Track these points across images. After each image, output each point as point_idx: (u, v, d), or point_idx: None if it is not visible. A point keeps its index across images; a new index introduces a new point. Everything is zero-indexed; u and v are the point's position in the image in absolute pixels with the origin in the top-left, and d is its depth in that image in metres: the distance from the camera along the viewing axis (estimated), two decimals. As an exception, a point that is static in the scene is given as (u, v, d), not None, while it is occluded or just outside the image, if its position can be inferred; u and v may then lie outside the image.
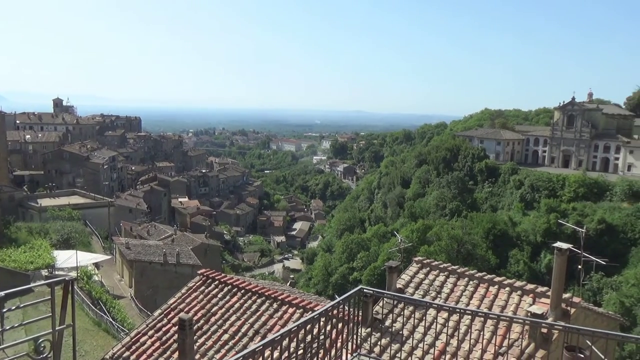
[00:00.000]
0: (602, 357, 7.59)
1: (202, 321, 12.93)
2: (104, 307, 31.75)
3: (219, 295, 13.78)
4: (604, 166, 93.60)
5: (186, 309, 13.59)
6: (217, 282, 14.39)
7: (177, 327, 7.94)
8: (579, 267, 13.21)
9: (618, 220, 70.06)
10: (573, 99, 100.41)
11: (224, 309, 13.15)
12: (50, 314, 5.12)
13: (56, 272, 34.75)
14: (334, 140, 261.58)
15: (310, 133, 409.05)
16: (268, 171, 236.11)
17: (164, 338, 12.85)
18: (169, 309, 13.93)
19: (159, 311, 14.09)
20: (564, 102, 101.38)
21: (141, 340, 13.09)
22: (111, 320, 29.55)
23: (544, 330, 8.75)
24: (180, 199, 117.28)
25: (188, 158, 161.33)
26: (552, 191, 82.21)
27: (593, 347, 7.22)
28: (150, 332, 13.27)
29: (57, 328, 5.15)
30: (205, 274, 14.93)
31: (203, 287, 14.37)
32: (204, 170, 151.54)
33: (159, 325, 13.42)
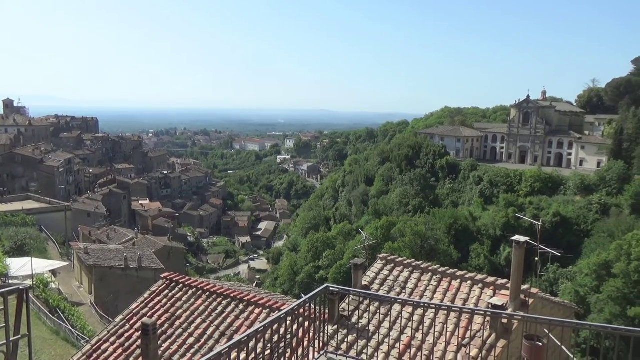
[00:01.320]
0: (559, 344, 7.91)
1: (166, 325, 12.68)
2: (62, 315, 30.67)
3: (184, 299, 13.55)
4: (558, 161, 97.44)
5: (149, 313, 13.29)
6: (181, 285, 14.14)
7: (140, 332, 7.77)
8: (536, 259, 13.70)
9: (572, 213, 73.11)
10: (528, 97, 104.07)
11: (188, 312, 12.95)
12: (4, 325, 4.92)
13: (10, 281, 33.28)
14: (297, 139, 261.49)
15: (274, 132, 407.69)
16: (231, 171, 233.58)
17: (126, 344, 12.52)
18: (132, 314, 13.59)
19: (120, 317, 13.73)
20: (519, 100, 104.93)
21: (102, 347, 12.72)
22: (70, 328, 28.58)
23: (504, 321, 9.03)
24: (141, 202, 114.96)
25: (148, 159, 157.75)
26: (509, 186, 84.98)
27: (550, 335, 7.52)
28: (112, 339, 12.91)
29: (11, 339, 4.96)
30: (168, 277, 14.65)
31: (167, 291, 14.09)
32: (165, 172, 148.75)
33: (121, 331, 13.07)
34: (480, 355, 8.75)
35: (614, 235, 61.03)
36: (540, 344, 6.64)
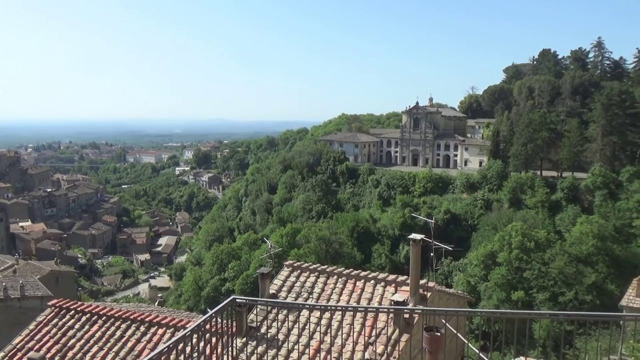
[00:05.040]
0: (455, 332, 8.50)
1: (57, 358, 11.58)
2: None
3: (76, 326, 12.47)
4: (446, 162, 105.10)
5: (36, 347, 12.05)
6: (72, 311, 13.01)
7: (25, 369, 7.02)
8: (432, 254, 14.63)
9: (460, 209, 79.28)
10: (417, 103, 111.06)
11: (83, 341, 11.94)
12: None
13: None
14: (196, 150, 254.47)
15: (171, 143, 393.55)
16: (126, 186, 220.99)
17: (9, 384, 11.23)
18: (15, 349, 12.22)
19: (1, 354, 12.28)
20: (409, 106, 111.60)
21: (-20, 391, 11.28)
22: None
23: (406, 316, 9.50)
24: (21, 224, 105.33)
25: (28, 177, 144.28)
26: (405, 188, 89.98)
27: (447, 324, 8.04)
28: (-9, 380, 11.49)
29: None
30: (57, 304, 13.42)
31: (56, 320, 12.88)
32: (49, 189, 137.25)
33: (2, 370, 11.69)
34: (386, 352, 9.11)
35: (497, 227, 67.16)
36: (439, 334, 7.05)
